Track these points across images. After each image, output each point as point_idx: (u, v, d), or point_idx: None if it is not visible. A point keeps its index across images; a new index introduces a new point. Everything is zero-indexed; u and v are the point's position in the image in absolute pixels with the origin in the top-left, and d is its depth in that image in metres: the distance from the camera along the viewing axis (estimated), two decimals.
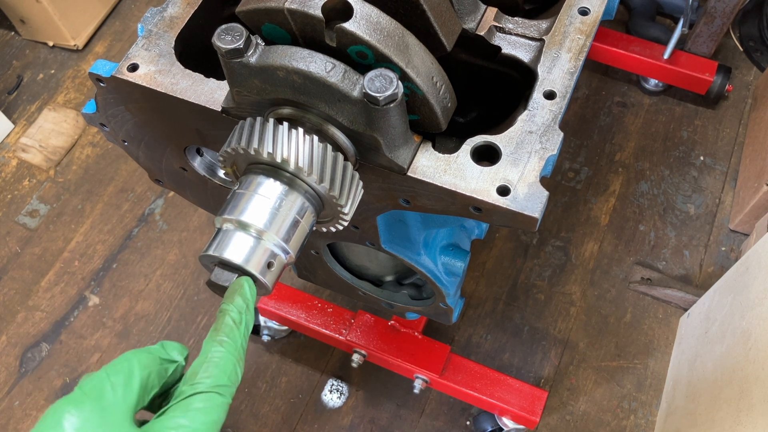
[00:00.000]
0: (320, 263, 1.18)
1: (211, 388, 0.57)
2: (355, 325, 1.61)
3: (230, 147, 0.70)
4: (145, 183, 2.05)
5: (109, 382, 0.57)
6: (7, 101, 2.24)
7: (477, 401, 1.58)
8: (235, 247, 0.66)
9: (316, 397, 1.74)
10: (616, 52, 2.01)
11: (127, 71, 0.83)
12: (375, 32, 0.68)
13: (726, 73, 1.98)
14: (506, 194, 0.72)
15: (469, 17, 0.85)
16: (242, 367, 0.61)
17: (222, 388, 0.58)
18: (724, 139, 2.05)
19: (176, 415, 0.56)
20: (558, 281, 1.85)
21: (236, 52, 0.68)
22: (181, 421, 0.56)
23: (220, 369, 0.59)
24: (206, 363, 0.59)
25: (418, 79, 0.71)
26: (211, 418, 0.57)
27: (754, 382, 1.22)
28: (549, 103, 0.78)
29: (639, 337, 1.78)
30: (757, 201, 1.75)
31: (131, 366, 0.58)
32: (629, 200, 1.96)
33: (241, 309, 0.63)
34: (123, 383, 0.57)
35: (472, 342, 1.79)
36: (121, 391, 0.57)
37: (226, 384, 0.58)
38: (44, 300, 1.89)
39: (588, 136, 2.06)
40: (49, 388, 1.78)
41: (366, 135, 0.71)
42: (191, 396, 0.57)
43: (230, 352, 0.60)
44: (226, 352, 0.60)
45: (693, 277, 1.85)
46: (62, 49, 2.33)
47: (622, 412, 1.70)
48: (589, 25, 0.84)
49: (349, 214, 0.72)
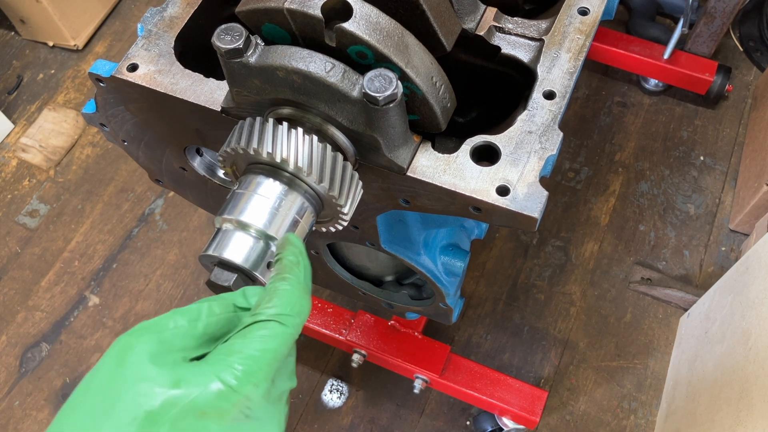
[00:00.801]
0: (320, 263, 1.18)
1: (273, 317, 0.56)
2: (355, 325, 1.61)
3: (230, 147, 0.70)
4: (145, 183, 2.06)
5: (173, 320, 0.56)
6: (7, 101, 2.24)
7: (477, 401, 1.58)
8: (235, 247, 0.66)
9: (316, 397, 1.74)
10: (616, 52, 2.01)
11: (126, 71, 0.83)
12: (374, 32, 0.68)
13: (726, 73, 1.98)
14: (506, 194, 0.72)
15: (469, 17, 0.85)
16: (309, 302, 0.60)
17: (284, 317, 0.56)
18: (724, 139, 2.05)
19: (233, 342, 0.55)
20: (558, 281, 1.85)
21: (236, 52, 0.68)
22: (235, 347, 0.54)
23: (283, 300, 0.57)
24: (269, 294, 0.58)
25: (417, 79, 0.71)
26: (269, 346, 0.54)
27: (754, 382, 1.22)
28: (548, 103, 0.78)
29: (639, 337, 1.78)
30: (757, 201, 1.75)
31: (200, 309, 0.57)
32: (629, 200, 1.96)
33: (295, 253, 0.61)
34: (186, 323, 0.56)
35: (472, 342, 1.79)
36: (183, 330, 0.55)
37: (289, 314, 0.56)
38: (44, 300, 1.89)
39: (588, 136, 2.06)
40: (49, 388, 1.78)
41: (365, 135, 0.71)
42: (251, 325, 0.55)
43: (294, 285, 0.59)
44: (290, 285, 0.58)
45: (693, 277, 1.85)
46: (62, 49, 2.33)
47: (622, 412, 1.70)
48: (589, 25, 0.84)
49: (348, 214, 0.72)
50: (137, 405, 0.51)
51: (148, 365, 0.52)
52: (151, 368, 0.52)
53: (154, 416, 0.51)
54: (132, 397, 0.51)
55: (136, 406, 0.51)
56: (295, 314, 0.57)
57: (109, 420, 0.50)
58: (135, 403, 0.51)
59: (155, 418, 0.51)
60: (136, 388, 0.51)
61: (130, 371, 0.52)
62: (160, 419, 0.51)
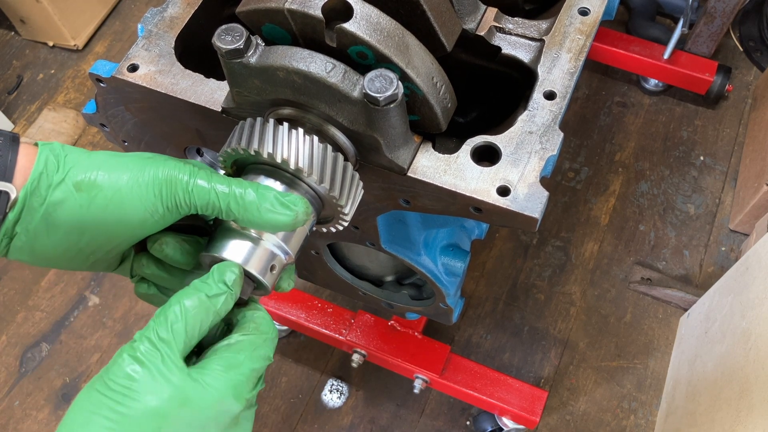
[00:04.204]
0: (320, 263, 1.18)
1: (253, 332, 0.61)
2: (355, 325, 1.61)
3: (230, 147, 0.70)
4: None
5: (157, 333, 0.57)
6: (7, 101, 2.24)
7: (477, 401, 1.58)
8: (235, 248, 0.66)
9: (316, 397, 1.74)
10: (616, 52, 2.01)
11: (127, 71, 0.83)
12: (375, 32, 0.68)
13: (726, 73, 1.98)
14: (506, 194, 0.72)
15: (469, 17, 0.85)
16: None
17: (264, 336, 0.61)
18: (724, 139, 2.05)
19: (226, 357, 0.58)
20: (558, 281, 1.85)
21: (236, 53, 0.68)
22: (231, 361, 0.58)
23: (260, 321, 0.62)
24: (247, 317, 0.62)
25: (418, 80, 0.71)
26: (256, 365, 0.59)
27: (754, 382, 1.22)
28: (549, 103, 0.78)
29: (639, 337, 1.78)
30: (757, 201, 1.75)
31: (175, 314, 0.58)
32: (629, 200, 1.96)
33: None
34: (174, 334, 0.58)
35: (472, 342, 1.79)
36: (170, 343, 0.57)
37: (267, 333, 0.62)
38: (44, 300, 1.89)
39: (588, 136, 2.06)
40: (49, 388, 1.78)
41: (366, 135, 0.71)
42: (236, 342, 0.59)
43: (266, 312, 0.64)
44: (264, 311, 0.64)
45: (693, 277, 1.85)
46: (62, 49, 2.33)
47: (622, 412, 1.70)
48: (589, 26, 0.84)
49: (349, 215, 0.72)
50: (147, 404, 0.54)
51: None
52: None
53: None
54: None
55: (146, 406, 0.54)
56: (272, 335, 0.62)
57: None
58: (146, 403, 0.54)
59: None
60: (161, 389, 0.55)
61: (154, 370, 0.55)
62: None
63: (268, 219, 0.62)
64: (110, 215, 0.60)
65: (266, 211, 0.62)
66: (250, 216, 0.62)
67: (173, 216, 0.62)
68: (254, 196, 0.61)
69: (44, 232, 0.60)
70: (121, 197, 0.60)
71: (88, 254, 0.63)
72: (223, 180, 0.62)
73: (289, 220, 0.63)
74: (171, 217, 0.62)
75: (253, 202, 0.61)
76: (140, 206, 0.60)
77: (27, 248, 0.61)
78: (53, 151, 0.60)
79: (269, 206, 0.62)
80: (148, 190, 0.60)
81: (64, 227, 0.60)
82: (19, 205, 0.58)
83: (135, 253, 0.69)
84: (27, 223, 0.59)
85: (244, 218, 0.62)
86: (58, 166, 0.59)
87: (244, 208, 0.61)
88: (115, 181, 0.60)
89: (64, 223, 0.60)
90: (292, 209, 0.63)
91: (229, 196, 0.61)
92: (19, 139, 0.60)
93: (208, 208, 0.62)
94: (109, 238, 0.62)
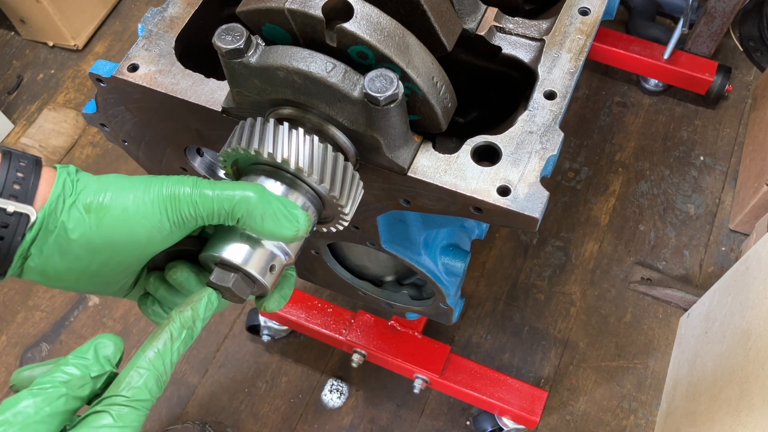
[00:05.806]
0: (320, 263, 1.18)
1: (128, 402, 0.56)
2: (355, 325, 1.61)
3: (230, 147, 0.70)
4: None
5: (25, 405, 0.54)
6: (7, 101, 2.24)
7: (477, 401, 1.58)
8: (235, 248, 0.66)
9: (316, 397, 1.74)
10: (616, 52, 2.01)
11: (127, 71, 0.83)
12: (375, 32, 0.68)
13: (726, 73, 1.98)
14: (506, 194, 0.72)
15: (470, 17, 0.85)
16: (165, 382, 0.60)
17: (139, 402, 0.57)
18: (724, 139, 2.05)
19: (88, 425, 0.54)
20: (558, 281, 1.85)
21: (236, 53, 0.68)
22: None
23: (143, 382, 0.57)
24: (130, 375, 0.58)
25: (418, 80, 0.71)
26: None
27: (754, 382, 1.22)
28: (549, 103, 0.78)
29: (639, 337, 1.78)
30: (757, 201, 1.75)
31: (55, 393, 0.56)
32: (629, 200, 1.96)
33: (186, 324, 0.61)
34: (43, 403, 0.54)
35: (472, 342, 1.79)
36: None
37: (145, 398, 0.57)
38: (44, 300, 1.89)
39: (588, 136, 2.06)
40: None
41: (366, 135, 0.71)
42: (106, 408, 0.56)
43: (156, 367, 0.58)
44: (152, 366, 0.58)
45: (693, 277, 1.85)
46: (62, 49, 2.33)
47: (622, 412, 1.70)
48: (590, 26, 0.84)
49: (349, 215, 0.72)
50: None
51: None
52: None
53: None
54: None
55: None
56: (151, 398, 0.58)
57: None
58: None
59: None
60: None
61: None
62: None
63: (271, 230, 0.63)
64: (118, 234, 0.61)
65: (269, 223, 0.63)
66: (252, 224, 0.62)
67: (181, 231, 0.63)
68: (258, 206, 0.62)
69: (57, 253, 0.61)
70: (127, 216, 0.61)
71: (100, 275, 0.64)
72: (226, 186, 0.63)
73: (290, 233, 0.64)
74: (179, 233, 0.63)
75: (257, 212, 0.62)
76: (146, 224, 0.61)
77: (39, 269, 0.62)
78: (70, 175, 0.62)
79: (272, 219, 0.63)
80: (153, 208, 0.61)
81: (75, 248, 0.61)
82: (37, 226, 0.59)
83: (147, 272, 0.70)
84: (41, 244, 0.60)
85: (246, 226, 0.63)
86: (72, 189, 0.61)
87: (249, 215, 0.62)
88: (121, 201, 0.61)
89: (75, 244, 0.61)
90: (294, 224, 0.64)
91: (233, 203, 0.62)
92: (41, 163, 0.61)
93: (213, 216, 0.62)
94: (118, 258, 0.63)
